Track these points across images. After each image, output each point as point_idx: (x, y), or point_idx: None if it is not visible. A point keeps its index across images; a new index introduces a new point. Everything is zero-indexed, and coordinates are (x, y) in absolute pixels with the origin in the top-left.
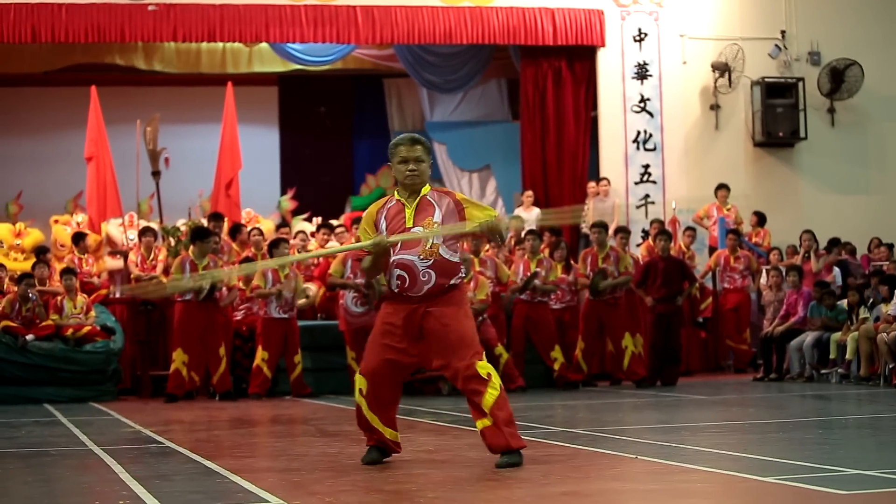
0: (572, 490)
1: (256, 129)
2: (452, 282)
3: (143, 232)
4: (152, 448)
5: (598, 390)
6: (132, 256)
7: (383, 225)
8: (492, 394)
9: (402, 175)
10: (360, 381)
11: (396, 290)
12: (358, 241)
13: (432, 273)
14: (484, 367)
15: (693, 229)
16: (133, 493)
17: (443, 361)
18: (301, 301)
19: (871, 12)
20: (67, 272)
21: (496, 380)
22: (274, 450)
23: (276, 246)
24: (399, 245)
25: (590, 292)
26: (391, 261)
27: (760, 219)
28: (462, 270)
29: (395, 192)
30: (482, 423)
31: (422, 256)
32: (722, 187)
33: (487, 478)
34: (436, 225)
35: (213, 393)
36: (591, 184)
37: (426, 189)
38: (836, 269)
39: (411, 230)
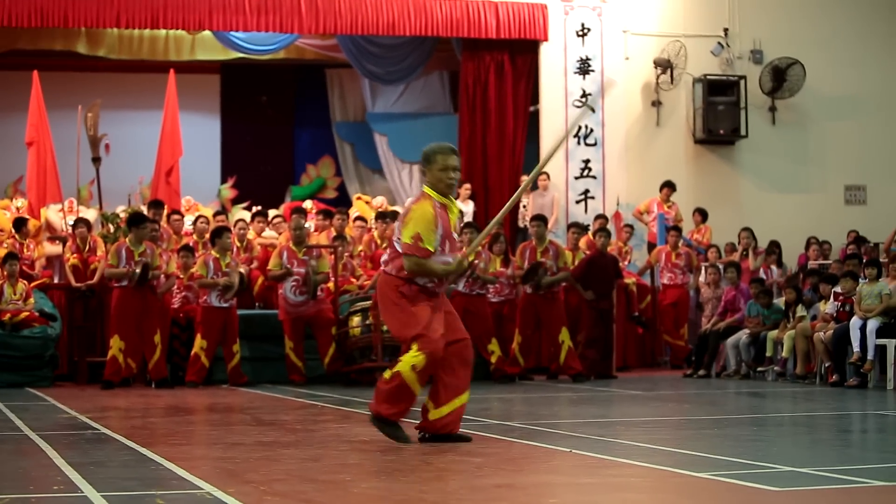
0: (506, 482)
1: (198, 116)
2: None
3: (76, 224)
4: (88, 434)
5: (534, 384)
6: (69, 244)
7: (441, 231)
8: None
9: (444, 182)
10: (419, 359)
11: (430, 286)
12: (418, 238)
13: None
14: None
15: (630, 226)
16: (68, 478)
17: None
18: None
19: (813, 11)
20: (10, 257)
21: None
22: (209, 438)
23: (219, 235)
24: (446, 249)
25: (523, 280)
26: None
27: (703, 215)
28: None
29: (432, 194)
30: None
31: None
32: (667, 185)
33: (422, 469)
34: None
35: (149, 380)
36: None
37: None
38: (774, 268)
39: (457, 239)
